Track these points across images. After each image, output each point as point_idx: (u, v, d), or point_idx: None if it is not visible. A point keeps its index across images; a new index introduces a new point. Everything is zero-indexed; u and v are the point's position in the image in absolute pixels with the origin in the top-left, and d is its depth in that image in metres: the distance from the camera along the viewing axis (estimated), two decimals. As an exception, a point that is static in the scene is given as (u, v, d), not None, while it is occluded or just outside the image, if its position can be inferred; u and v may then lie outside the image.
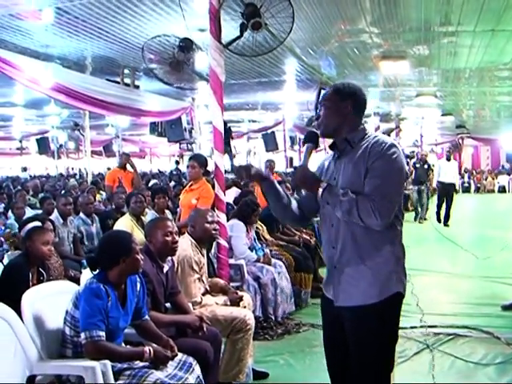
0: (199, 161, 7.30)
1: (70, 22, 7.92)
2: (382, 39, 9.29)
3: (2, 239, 6.95)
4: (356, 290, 3.08)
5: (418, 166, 17.00)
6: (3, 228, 7.92)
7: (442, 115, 20.75)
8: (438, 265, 10.19)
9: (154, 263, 4.26)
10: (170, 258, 4.48)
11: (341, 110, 3.16)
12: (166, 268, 4.38)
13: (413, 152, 22.59)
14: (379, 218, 2.90)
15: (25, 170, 27.84)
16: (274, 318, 6.57)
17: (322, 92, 12.21)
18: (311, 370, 5.38)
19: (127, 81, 11.35)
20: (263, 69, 11.68)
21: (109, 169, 18.34)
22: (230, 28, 6.42)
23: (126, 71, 11.29)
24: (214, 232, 5.15)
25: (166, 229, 4.35)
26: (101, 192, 13.48)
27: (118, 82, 11.09)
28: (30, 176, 25.00)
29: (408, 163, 20.48)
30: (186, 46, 7.33)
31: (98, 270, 3.66)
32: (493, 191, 31.42)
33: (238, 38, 6.43)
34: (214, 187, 6.71)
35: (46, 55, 9.61)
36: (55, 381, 3.61)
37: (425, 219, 16.55)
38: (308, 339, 6.23)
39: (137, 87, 11.68)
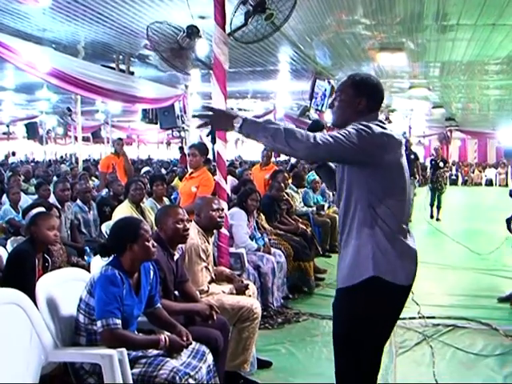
0: (200, 149, 7.28)
1: (69, 5, 7.83)
2: (379, 31, 9.27)
3: None
4: (340, 274, 3.13)
5: None
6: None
7: (433, 107, 20.80)
8: (432, 257, 10.24)
9: (165, 251, 4.24)
10: (180, 245, 4.47)
11: (354, 105, 3.12)
12: (176, 256, 4.37)
13: None
14: (310, 140, 2.78)
15: (13, 154, 27.63)
16: (273, 306, 6.59)
17: (318, 82, 12.25)
18: (313, 359, 5.41)
19: (122, 67, 11.29)
20: (259, 57, 11.63)
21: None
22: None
23: (121, 57, 11.23)
24: (219, 220, 5.13)
25: (178, 216, 4.33)
26: (93, 178, 13.44)
27: (113, 68, 11.03)
28: (22, 161, 24.85)
29: None
30: (193, 32, 7.30)
31: (107, 257, 3.64)
32: (480, 184, 31.71)
33: (243, 26, 6.39)
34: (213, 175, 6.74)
35: (42, 39, 9.52)
36: (62, 369, 3.62)
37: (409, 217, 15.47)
38: (308, 328, 6.27)
39: (131, 73, 11.62)
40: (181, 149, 25.37)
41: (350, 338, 3.09)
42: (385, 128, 3.01)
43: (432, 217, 15.63)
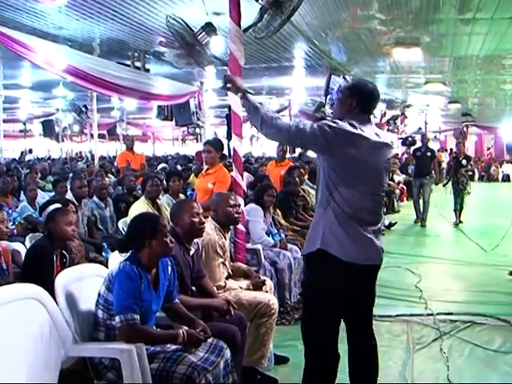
0: (215, 145, 7.28)
1: (85, 3, 7.88)
2: (395, 26, 9.24)
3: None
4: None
5: (418, 154, 14.21)
6: (16, 210, 7.92)
7: (449, 103, 20.68)
8: (449, 253, 10.23)
9: (181, 246, 4.26)
10: (195, 240, 4.48)
11: (346, 104, 3.60)
12: (192, 251, 4.39)
13: (413, 138, 19.21)
14: (284, 127, 3.40)
15: (30, 152, 27.84)
16: (290, 302, 6.59)
17: (333, 78, 12.23)
18: (331, 355, 5.38)
19: (137, 64, 11.34)
20: (274, 53, 11.63)
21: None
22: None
23: (136, 54, 11.27)
24: (236, 215, 5.13)
25: (193, 210, 4.37)
26: (109, 175, 13.51)
27: (129, 65, 11.07)
28: (38, 158, 25.00)
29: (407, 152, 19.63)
30: (210, 30, 7.33)
31: (126, 253, 3.66)
32: (497, 180, 31.43)
33: (258, 22, 6.37)
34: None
35: (58, 37, 9.57)
36: (81, 364, 3.64)
37: (424, 221, 13.84)
38: (325, 324, 6.24)
39: (147, 70, 11.67)
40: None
41: (307, 301, 3.78)
42: (355, 128, 3.41)
43: (457, 224, 13.73)
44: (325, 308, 3.55)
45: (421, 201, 14.03)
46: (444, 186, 14.90)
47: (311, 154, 11.57)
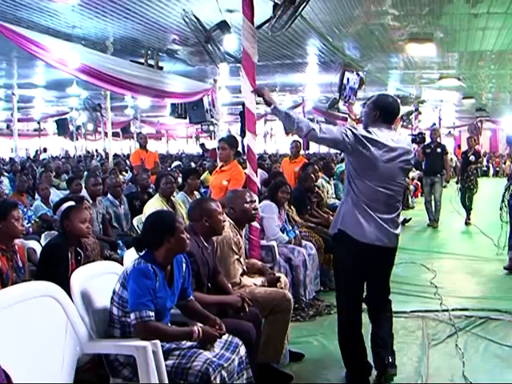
0: (229, 142, 7.29)
1: (98, 2, 7.91)
2: (408, 21, 9.21)
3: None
4: None
5: (428, 150, 12.91)
6: (31, 208, 7.96)
7: (463, 98, 20.56)
8: (464, 249, 10.17)
9: (199, 243, 4.27)
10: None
11: (371, 115, 4.28)
12: (209, 249, 4.40)
13: (423, 135, 18.03)
14: (304, 129, 4.05)
15: (45, 150, 27.97)
16: (305, 299, 6.58)
17: (346, 74, 12.18)
18: (345, 352, 5.37)
19: (151, 62, 11.36)
20: (287, 50, 11.62)
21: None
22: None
23: (150, 52, 11.29)
24: (253, 212, 5.14)
25: (219, 208, 4.44)
26: (123, 173, 13.55)
27: (142, 63, 11.09)
28: (53, 157, 25.13)
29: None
30: (224, 27, 7.35)
31: (143, 251, 3.67)
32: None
33: (271, 19, 6.39)
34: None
35: (72, 36, 9.60)
36: (96, 361, 3.67)
37: (436, 223, 13.02)
38: (339, 321, 6.24)
39: (160, 68, 11.69)
40: (202, 145, 25.51)
41: (335, 274, 4.59)
42: (371, 133, 4.09)
43: (467, 223, 13.08)
44: (345, 279, 4.36)
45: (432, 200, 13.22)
46: (456, 182, 14.23)
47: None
